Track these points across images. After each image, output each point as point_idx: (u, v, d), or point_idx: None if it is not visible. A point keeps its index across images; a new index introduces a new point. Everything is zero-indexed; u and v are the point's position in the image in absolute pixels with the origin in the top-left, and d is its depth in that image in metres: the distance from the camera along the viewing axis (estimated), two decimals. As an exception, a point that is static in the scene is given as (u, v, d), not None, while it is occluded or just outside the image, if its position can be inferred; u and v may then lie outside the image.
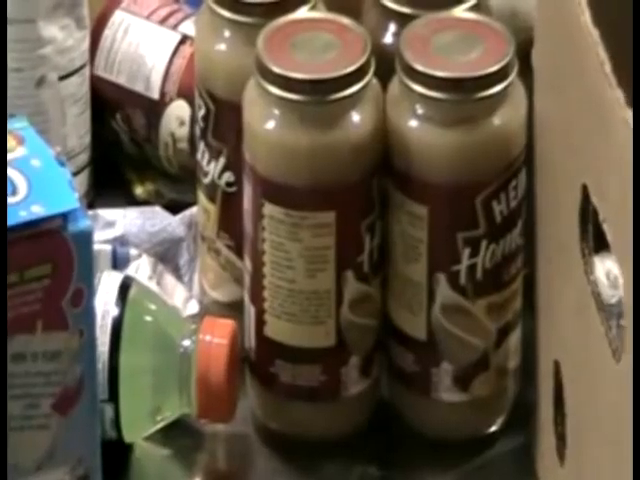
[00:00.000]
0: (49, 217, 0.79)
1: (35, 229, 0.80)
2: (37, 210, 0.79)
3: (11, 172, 0.83)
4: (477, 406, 0.96)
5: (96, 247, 0.89)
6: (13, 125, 0.87)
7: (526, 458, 0.97)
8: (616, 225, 0.79)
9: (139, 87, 1.10)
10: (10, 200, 0.81)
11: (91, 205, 1.06)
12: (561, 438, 0.90)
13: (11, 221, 0.80)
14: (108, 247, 0.99)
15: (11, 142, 0.85)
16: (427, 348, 0.94)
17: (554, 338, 0.92)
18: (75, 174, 1.00)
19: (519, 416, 0.98)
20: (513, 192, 0.90)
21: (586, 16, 0.81)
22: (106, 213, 1.01)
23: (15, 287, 0.81)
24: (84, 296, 0.84)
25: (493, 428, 0.97)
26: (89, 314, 0.84)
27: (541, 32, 0.91)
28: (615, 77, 0.77)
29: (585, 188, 0.81)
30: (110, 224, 1.00)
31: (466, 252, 0.90)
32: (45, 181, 0.82)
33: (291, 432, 0.97)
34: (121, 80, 1.10)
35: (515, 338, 0.95)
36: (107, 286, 0.93)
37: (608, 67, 0.77)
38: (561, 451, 0.91)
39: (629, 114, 0.77)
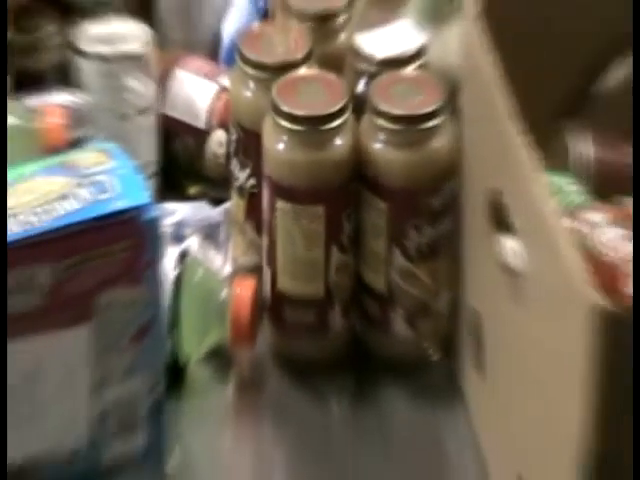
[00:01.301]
0: (131, 209, 0.80)
1: (121, 217, 0.80)
2: (122, 204, 0.80)
3: (103, 177, 0.83)
4: (422, 340, 0.95)
5: (163, 229, 0.88)
6: (106, 146, 0.86)
7: (456, 377, 0.95)
8: (518, 213, 0.79)
9: (192, 120, 1.05)
10: (102, 197, 0.81)
11: (159, 201, 1.03)
12: (480, 364, 0.90)
13: (104, 211, 0.80)
14: (170, 229, 0.99)
15: (103, 157, 0.84)
16: (387, 299, 0.94)
17: (474, 292, 0.91)
18: (148, 179, 1.00)
19: (452, 347, 0.96)
20: (447, 192, 0.90)
21: (495, 72, 0.80)
22: (169, 206, 1.01)
23: (107, 256, 0.81)
24: (154, 262, 0.84)
25: (434, 357, 0.96)
26: (157, 274, 0.85)
27: (465, 84, 0.89)
28: (516, 119, 0.78)
29: (494, 190, 0.81)
30: (171, 213, 1.01)
31: (413, 233, 0.90)
32: (127, 184, 0.82)
33: (294, 357, 0.96)
34: (179, 115, 1.07)
35: (447, 293, 0.95)
36: (170, 255, 0.93)
37: (511, 110, 0.77)
38: (481, 373, 0.90)
39: (522, 140, 0.77)
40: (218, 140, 1.05)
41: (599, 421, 0.67)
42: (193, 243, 0.99)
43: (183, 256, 0.93)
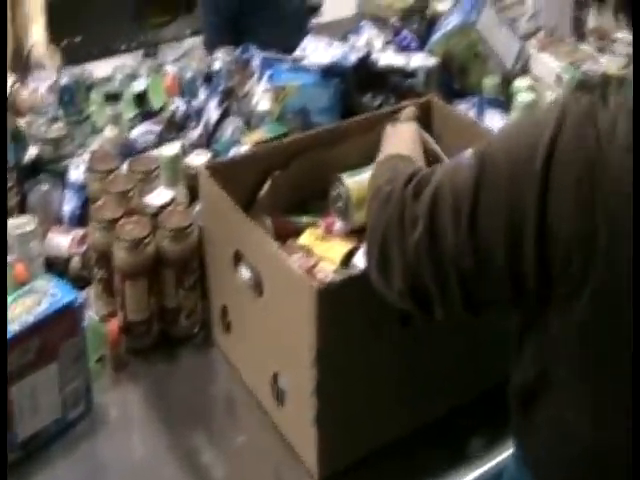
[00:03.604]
0: (71, 301, 1.16)
1: (67, 306, 1.15)
2: (65, 300, 1.15)
3: (53, 290, 1.14)
4: (191, 326, 1.37)
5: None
6: (46, 277, 1.20)
7: (209, 337, 1.36)
8: (252, 255, 1.13)
9: (60, 255, 1.45)
10: (53, 300, 1.12)
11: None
12: (227, 328, 1.29)
13: (58, 306, 1.12)
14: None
15: (48, 281, 1.17)
16: (176, 309, 1.33)
17: (223, 296, 1.28)
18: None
19: (209, 322, 1.36)
20: (197, 260, 1.31)
21: (222, 194, 1.17)
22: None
23: (62, 326, 1.13)
24: (82, 322, 1.17)
25: (196, 330, 1.37)
26: (83, 328, 1.17)
27: (204, 205, 1.29)
28: (241, 213, 1.13)
29: (237, 251, 1.19)
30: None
31: (186, 280, 1.33)
32: (63, 290, 1.16)
33: (135, 347, 1.32)
34: (55, 254, 1.41)
35: (204, 301, 1.33)
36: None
37: (235, 208, 1.12)
38: (228, 333, 1.28)
39: (249, 222, 1.09)
40: (76, 261, 1.47)
41: (319, 332, 1.00)
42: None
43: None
